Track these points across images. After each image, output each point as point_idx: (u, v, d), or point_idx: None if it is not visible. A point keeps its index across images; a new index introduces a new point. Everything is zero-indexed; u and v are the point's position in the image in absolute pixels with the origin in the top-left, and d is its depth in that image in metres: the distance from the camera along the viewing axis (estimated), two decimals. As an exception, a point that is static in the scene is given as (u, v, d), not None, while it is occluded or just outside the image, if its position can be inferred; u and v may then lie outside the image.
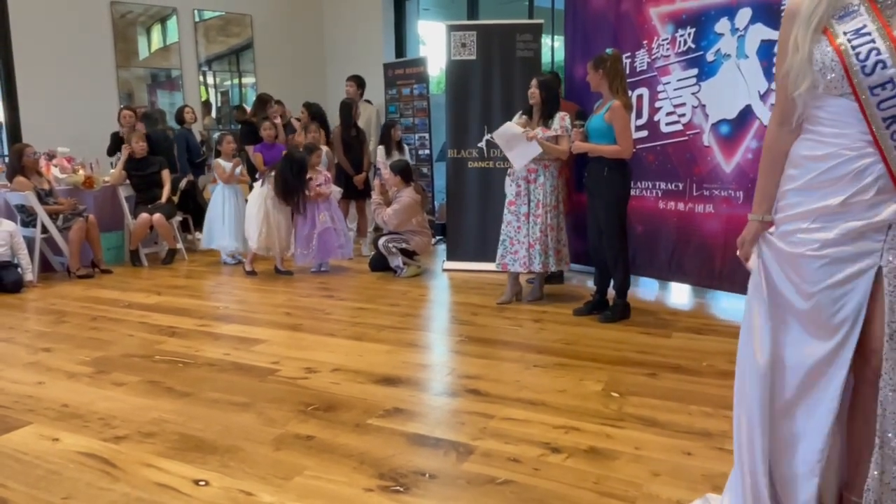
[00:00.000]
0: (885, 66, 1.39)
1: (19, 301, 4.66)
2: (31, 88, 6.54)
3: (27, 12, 6.46)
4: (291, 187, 5.06)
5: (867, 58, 1.41)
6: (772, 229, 1.63)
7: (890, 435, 1.48)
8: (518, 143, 4.05)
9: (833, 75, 1.44)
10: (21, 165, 5.19)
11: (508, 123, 4.14)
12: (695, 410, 2.58)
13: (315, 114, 6.64)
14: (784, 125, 1.60)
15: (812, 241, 1.51)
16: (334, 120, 6.63)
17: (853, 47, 1.42)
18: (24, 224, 5.23)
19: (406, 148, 6.42)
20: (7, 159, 6.20)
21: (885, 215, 1.43)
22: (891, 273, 1.44)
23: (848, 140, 1.45)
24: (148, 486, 2.09)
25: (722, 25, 3.95)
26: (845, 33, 1.44)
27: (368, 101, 6.95)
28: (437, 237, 6.85)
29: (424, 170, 6.96)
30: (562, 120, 4.08)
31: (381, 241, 5.26)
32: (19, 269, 4.94)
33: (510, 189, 4.21)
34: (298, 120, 6.73)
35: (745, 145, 3.89)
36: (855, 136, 1.44)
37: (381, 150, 6.13)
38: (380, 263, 5.39)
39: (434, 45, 8.48)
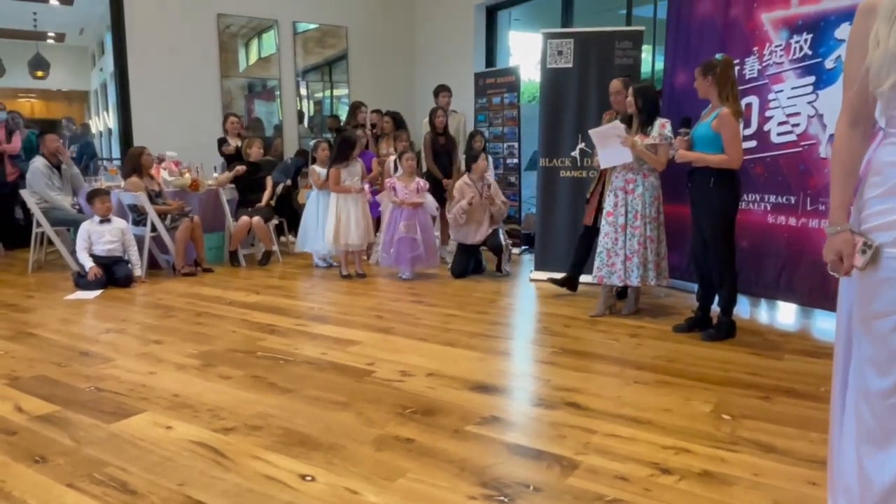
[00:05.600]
0: None
1: (129, 295, 4.94)
2: (143, 96, 7.00)
3: (142, 24, 6.92)
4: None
5: None
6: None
7: None
8: (612, 143, 3.94)
9: None
10: (139, 166, 5.53)
11: (616, 122, 4.03)
12: (816, 438, 2.40)
13: (399, 122, 6.75)
14: (857, 127, 1.51)
15: None
16: (424, 128, 6.69)
17: None
18: (135, 223, 5.55)
19: (490, 158, 6.38)
20: (120, 162, 6.64)
21: None
22: None
23: None
24: (257, 478, 2.13)
25: (842, 31, 3.70)
26: None
27: (454, 111, 6.98)
28: (524, 247, 6.79)
29: (512, 178, 6.92)
30: (661, 127, 3.94)
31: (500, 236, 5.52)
32: (129, 265, 5.24)
33: (609, 200, 4.10)
34: (373, 127, 6.85)
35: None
36: None
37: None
38: (461, 269, 5.40)
39: (522, 55, 8.43)
